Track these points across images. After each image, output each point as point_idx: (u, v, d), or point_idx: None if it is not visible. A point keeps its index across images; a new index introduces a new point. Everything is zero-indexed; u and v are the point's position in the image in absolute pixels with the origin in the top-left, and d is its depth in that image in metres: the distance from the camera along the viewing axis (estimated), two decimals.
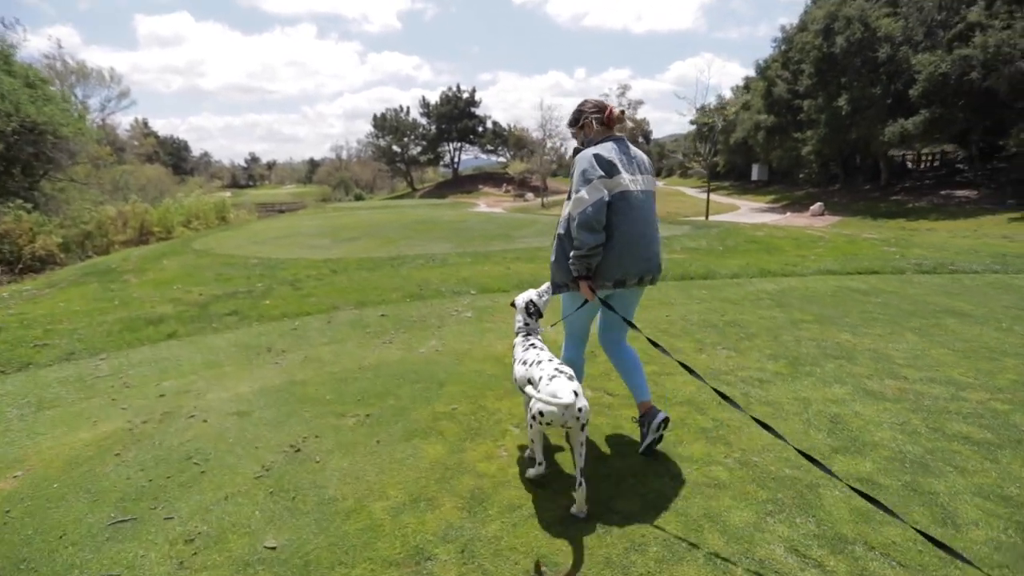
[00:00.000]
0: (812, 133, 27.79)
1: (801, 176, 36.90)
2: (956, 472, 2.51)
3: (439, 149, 62.11)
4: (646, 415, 2.67)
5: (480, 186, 57.43)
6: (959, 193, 26.13)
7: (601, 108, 2.65)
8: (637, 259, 2.50)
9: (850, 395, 3.36)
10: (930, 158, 33.47)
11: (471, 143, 61.54)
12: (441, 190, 57.89)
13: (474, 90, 60.29)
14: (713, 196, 42.97)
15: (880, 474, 2.51)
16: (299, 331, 4.85)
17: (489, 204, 46.37)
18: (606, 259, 2.46)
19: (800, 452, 2.08)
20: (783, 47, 30.79)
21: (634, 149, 2.62)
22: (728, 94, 42.34)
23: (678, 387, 3.50)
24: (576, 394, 2.14)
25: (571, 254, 2.46)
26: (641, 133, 66.53)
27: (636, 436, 2.82)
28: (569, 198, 2.52)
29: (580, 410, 2.14)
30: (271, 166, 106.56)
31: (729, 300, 5.79)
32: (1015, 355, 4.06)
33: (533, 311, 2.72)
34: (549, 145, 47.26)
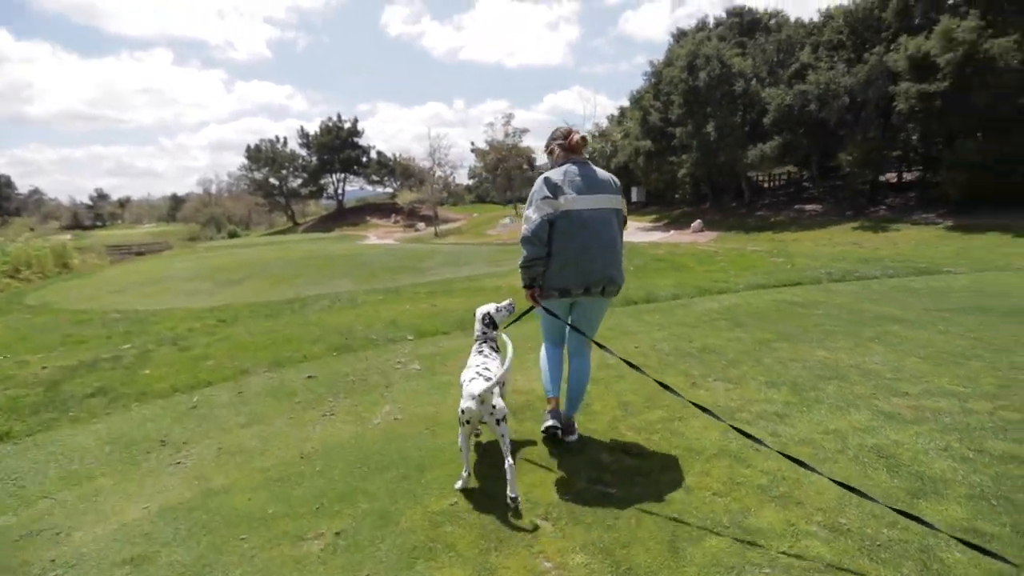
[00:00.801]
0: (686, 157, 30.21)
1: (677, 196, 40.04)
2: None
3: (321, 181, 59.06)
4: (565, 427, 2.94)
5: (368, 217, 55.34)
6: (808, 207, 29.75)
7: (565, 135, 2.88)
8: (578, 272, 2.70)
9: (874, 421, 3.10)
10: (779, 178, 38.02)
11: (356, 174, 59.29)
12: (326, 223, 54.89)
13: (356, 120, 58.36)
14: None
15: (979, 519, 2.18)
16: (201, 410, 3.70)
17: (379, 236, 44.69)
18: (549, 271, 2.73)
19: (897, 511, 1.65)
20: (653, 80, 33.39)
21: (598, 171, 2.81)
22: (604, 123, 45.20)
23: (699, 434, 3.02)
24: (490, 392, 2.41)
25: (520, 264, 2.76)
26: (527, 161, 68.73)
27: (711, 515, 2.27)
28: None
29: (494, 407, 2.41)
30: (124, 203, 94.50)
31: (685, 323, 5.54)
32: (974, 356, 4.15)
33: (488, 322, 2.96)
34: (439, 174, 46.88)
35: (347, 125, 57.63)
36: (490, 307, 3.01)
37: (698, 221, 29.42)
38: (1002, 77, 18.22)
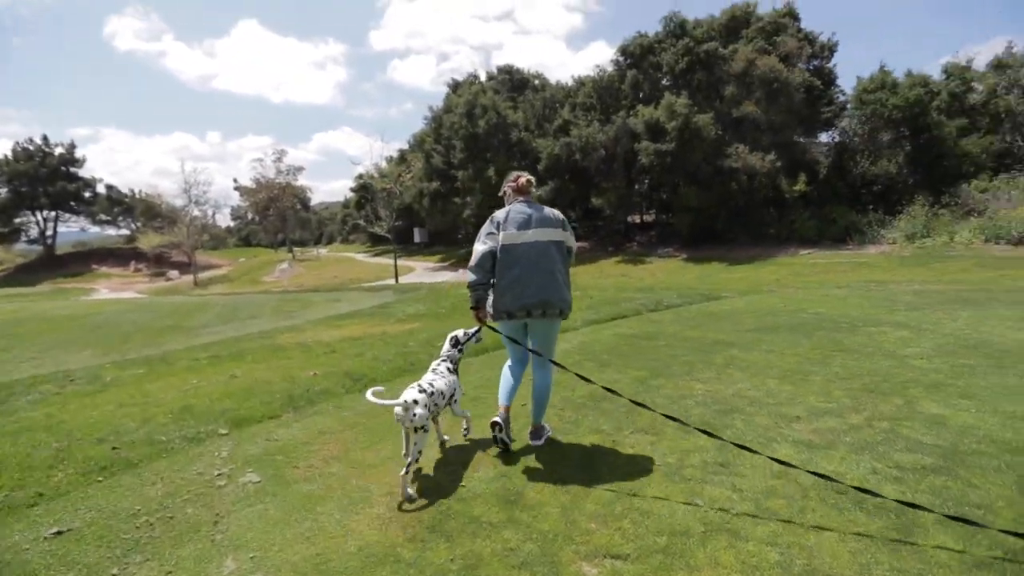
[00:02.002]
0: (470, 199, 31.50)
1: (460, 236, 41.50)
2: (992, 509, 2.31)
3: (17, 220, 45.60)
4: (532, 431, 3.39)
5: (95, 266, 44.51)
6: (577, 244, 33.71)
7: (515, 179, 3.31)
8: (514, 296, 3.11)
9: (801, 454, 3.05)
10: None
11: (74, 212, 47.40)
12: (28, 275, 42.33)
13: (73, 145, 46.98)
14: (383, 260, 44.32)
15: (973, 547, 2.12)
16: None
17: (114, 288, 36.13)
18: (494, 296, 3.17)
19: None
20: (434, 124, 34.38)
21: (545, 209, 3.23)
22: (383, 164, 44.81)
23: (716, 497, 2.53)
24: (414, 401, 2.80)
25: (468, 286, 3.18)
26: (300, 200, 64.05)
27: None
28: None
29: (414, 415, 2.76)
30: None
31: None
32: (809, 372, 4.62)
33: (455, 343, 3.41)
34: (195, 213, 40.35)
35: (59, 151, 46.01)
36: (459, 332, 3.47)
37: None
38: (705, 142, 23.40)
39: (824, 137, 26.78)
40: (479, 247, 3.14)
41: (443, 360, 3.29)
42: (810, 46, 25.18)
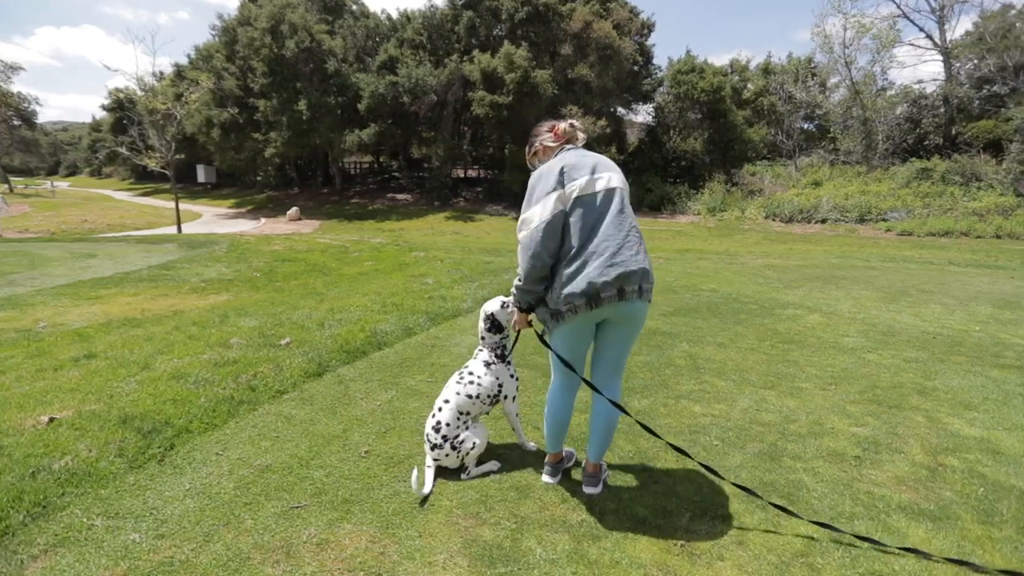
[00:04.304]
0: (275, 135, 26.60)
1: (258, 179, 35.52)
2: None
3: None
4: (586, 473, 2.38)
5: None
6: (399, 197, 31.22)
7: (550, 128, 2.40)
8: (605, 266, 2.07)
9: (956, 532, 2.12)
10: (360, 166, 38.70)
11: None
12: None
13: None
14: (154, 201, 35.72)
15: None
16: None
17: None
18: (564, 275, 2.11)
19: None
20: (225, 38, 27.88)
21: (593, 154, 2.28)
22: (150, 80, 35.37)
23: None
24: (433, 429, 2.39)
25: (514, 283, 2.27)
26: (18, 113, 48.78)
27: None
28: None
29: (432, 446, 2.38)
30: None
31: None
32: (788, 374, 3.92)
33: (491, 325, 2.50)
34: None
35: None
36: (494, 305, 2.50)
37: (295, 208, 26.70)
38: (542, 99, 22.95)
39: (643, 111, 28.62)
40: (536, 213, 2.13)
41: (484, 349, 2.53)
42: (635, 20, 26.22)
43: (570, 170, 2.17)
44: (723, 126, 24.44)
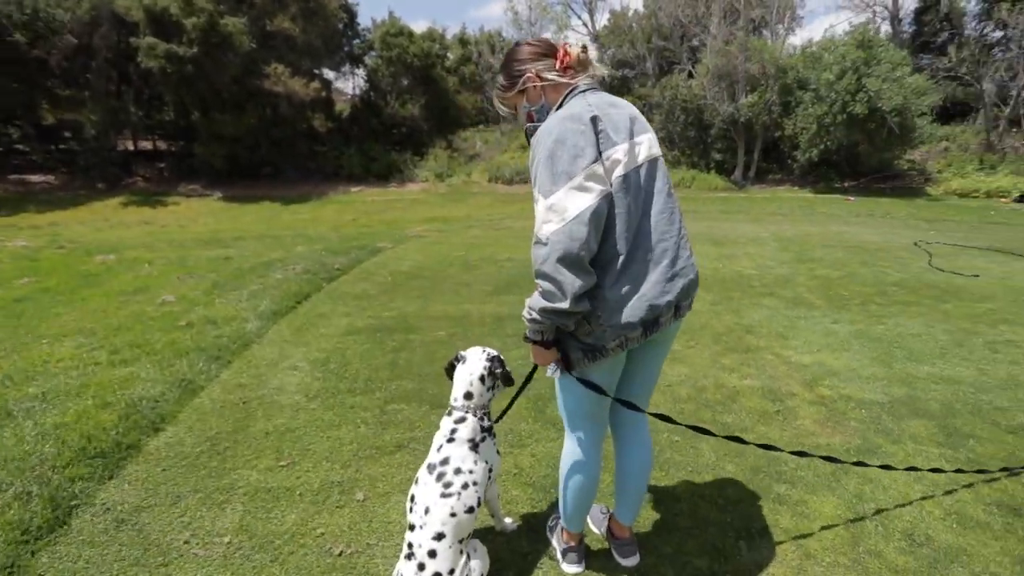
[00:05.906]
0: None
1: None
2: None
3: None
4: (619, 541, 1.95)
5: None
6: (34, 179, 22.76)
7: (549, 51, 1.64)
8: (662, 282, 1.55)
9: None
10: None
11: None
12: None
13: None
14: None
15: None
16: None
17: None
18: (612, 296, 1.51)
19: None
20: None
21: (622, 101, 1.64)
22: None
23: None
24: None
25: (533, 307, 1.49)
26: None
27: None
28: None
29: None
30: None
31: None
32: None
33: (491, 383, 1.82)
34: None
35: None
36: (482, 359, 1.81)
37: None
38: (238, 55, 19.35)
39: (357, 76, 26.97)
40: (571, 197, 1.44)
41: (457, 424, 1.75)
42: None
43: (605, 127, 1.50)
44: (437, 92, 24.93)
